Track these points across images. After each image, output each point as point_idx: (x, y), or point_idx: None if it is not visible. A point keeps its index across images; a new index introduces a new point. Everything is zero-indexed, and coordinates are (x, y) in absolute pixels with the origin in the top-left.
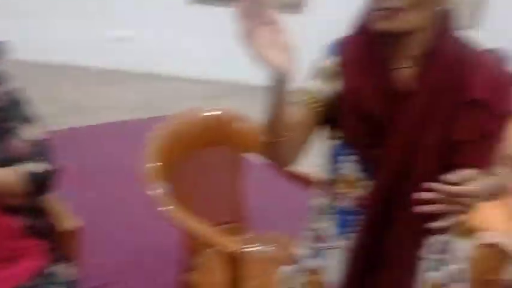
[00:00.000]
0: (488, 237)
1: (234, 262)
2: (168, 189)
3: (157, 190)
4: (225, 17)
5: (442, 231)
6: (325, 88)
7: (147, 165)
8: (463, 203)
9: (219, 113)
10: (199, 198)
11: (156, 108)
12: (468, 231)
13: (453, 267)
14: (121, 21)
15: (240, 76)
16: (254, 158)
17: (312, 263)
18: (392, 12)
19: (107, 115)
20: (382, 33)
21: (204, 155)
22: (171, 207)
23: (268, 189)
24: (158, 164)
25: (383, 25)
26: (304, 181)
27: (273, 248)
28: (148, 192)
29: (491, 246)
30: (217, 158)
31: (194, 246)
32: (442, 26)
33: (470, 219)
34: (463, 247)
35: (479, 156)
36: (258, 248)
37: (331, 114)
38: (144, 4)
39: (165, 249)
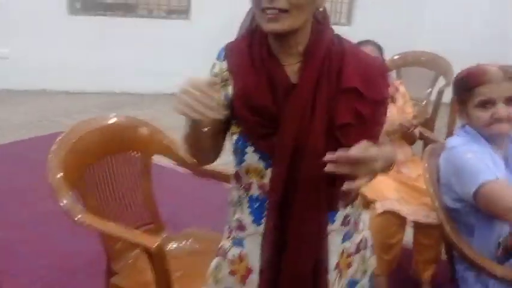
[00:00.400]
0: (385, 206)
1: (156, 259)
2: (77, 199)
3: (66, 201)
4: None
5: (343, 204)
6: (223, 91)
7: (54, 177)
8: (364, 167)
9: (121, 120)
10: (114, 204)
11: (48, 124)
12: (366, 203)
13: (358, 237)
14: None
15: (128, 86)
16: (162, 161)
17: (236, 252)
18: (280, 13)
19: None
20: (270, 34)
21: (113, 161)
22: (83, 215)
23: (181, 189)
24: (62, 175)
25: (272, 26)
26: (220, 177)
27: (190, 242)
28: (60, 204)
29: (388, 213)
30: (126, 164)
31: (115, 250)
32: (320, 24)
33: (366, 192)
34: (364, 218)
35: (360, 138)
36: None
37: (232, 114)
38: (21, 18)
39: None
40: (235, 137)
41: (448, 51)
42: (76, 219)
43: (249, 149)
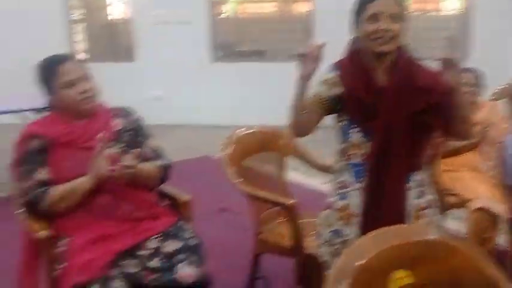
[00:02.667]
0: (479, 203)
1: (291, 213)
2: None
3: (231, 172)
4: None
5: (420, 168)
6: (329, 91)
7: (225, 157)
8: None
9: (268, 129)
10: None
11: (195, 150)
12: (462, 202)
13: (429, 197)
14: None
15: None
16: None
17: (341, 203)
18: (392, 37)
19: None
20: (378, 53)
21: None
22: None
23: None
24: (230, 157)
25: (384, 48)
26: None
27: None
28: (227, 172)
29: (482, 210)
30: (270, 159)
31: (261, 219)
32: (400, 47)
33: (462, 192)
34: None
35: (432, 119)
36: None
37: (335, 107)
38: (173, 65)
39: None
40: (342, 123)
41: None
42: (236, 183)
43: (353, 130)
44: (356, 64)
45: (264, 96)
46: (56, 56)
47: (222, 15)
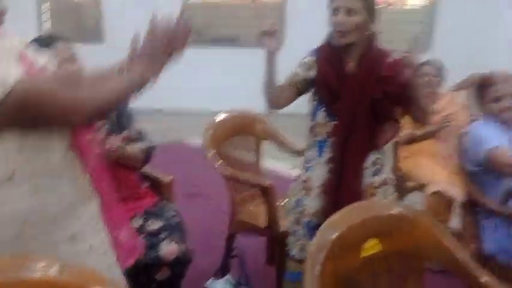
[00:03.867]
0: (435, 187)
1: (269, 193)
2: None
3: (210, 154)
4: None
5: (377, 148)
6: (305, 73)
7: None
8: None
9: (243, 114)
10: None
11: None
12: (420, 186)
13: (384, 175)
14: None
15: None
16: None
17: (305, 175)
18: (348, 31)
19: None
20: (339, 44)
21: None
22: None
23: None
24: (210, 141)
25: (340, 40)
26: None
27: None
28: (208, 155)
29: (437, 193)
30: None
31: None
32: (369, 39)
33: (420, 177)
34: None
35: (390, 105)
36: None
37: (308, 88)
38: None
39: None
40: (313, 103)
41: None
42: (216, 166)
43: (320, 110)
44: (331, 51)
45: (240, 82)
46: (47, 36)
47: (193, 0)
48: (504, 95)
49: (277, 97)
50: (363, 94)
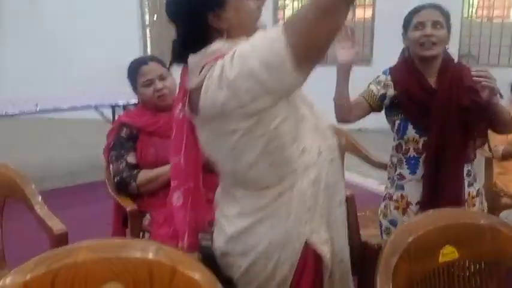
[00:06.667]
0: None
1: None
2: None
3: None
4: None
5: (470, 160)
6: (380, 91)
7: None
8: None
9: None
10: None
11: None
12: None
13: (477, 185)
14: None
15: None
16: None
17: (398, 194)
18: (435, 43)
19: None
20: (424, 58)
21: None
22: None
23: None
24: None
25: (427, 53)
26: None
27: None
28: None
29: None
30: None
31: None
32: (446, 52)
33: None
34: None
35: (478, 116)
36: None
37: (381, 105)
38: None
39: None
40: (398, 121)
41: None
42: None
43: (410, 127)
44: (409, 69)
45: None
46: (142, 57)
47: None
48: None
49: (348, 112)
50: (452, 106)
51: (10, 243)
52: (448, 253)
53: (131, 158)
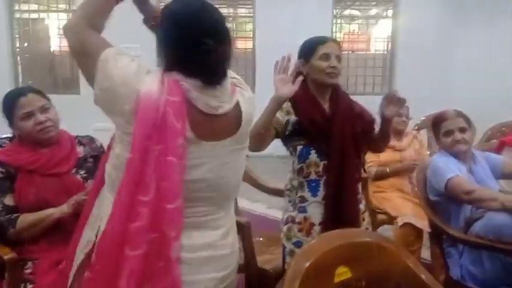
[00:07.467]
0: (405, 219)
1: None
2: None
3: None
4: None
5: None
6: (284, 117)
7: None
8: None
9: None
10: None
11: None
12: (390, 219)
13: (364, 203)
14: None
15: None
16: None
17: (301, 216)
18: (338, 73)
19: None
20: (325, 85)
21: None
22: None
23: None
24: None
25: (333, 81)
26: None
27: None
28: None
29: (407, 225)
30: None
31: None
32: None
33: (389, 210)
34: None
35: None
36: None
37: (284, 131)
38: None
39: None
40: (300, 147)
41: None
42: None
43: (312, 151)
44: (307, 95)
45: None
46: (19, 88)
47: None
48: (453, 129)
49: (264, 140)
50: (347, 132)
51: None
52: (342, 273)
53: (9, 200)
